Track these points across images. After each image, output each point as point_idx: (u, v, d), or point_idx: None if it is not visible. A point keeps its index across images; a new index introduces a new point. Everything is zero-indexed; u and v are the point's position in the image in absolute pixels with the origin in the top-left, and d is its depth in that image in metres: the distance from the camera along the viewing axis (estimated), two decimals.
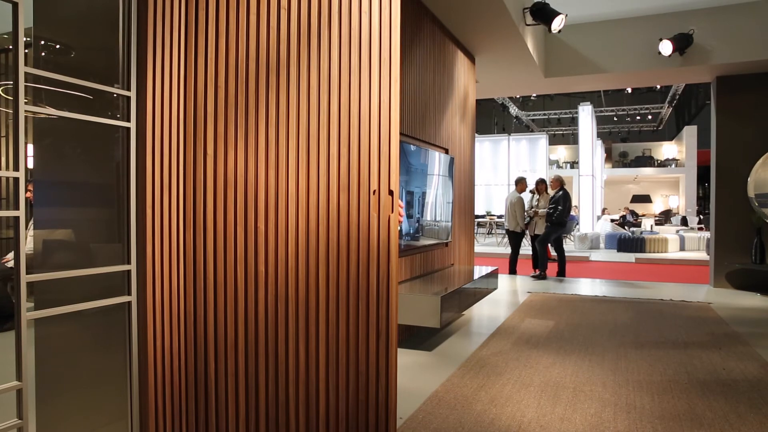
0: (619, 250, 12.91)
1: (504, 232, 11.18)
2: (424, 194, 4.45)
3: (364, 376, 2.09)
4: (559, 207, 7.70)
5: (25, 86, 1.67)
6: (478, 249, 11.81)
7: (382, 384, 2.06)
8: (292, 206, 2.15)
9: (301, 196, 2.14)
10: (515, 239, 8.44)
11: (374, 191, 2.12)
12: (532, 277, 7.88)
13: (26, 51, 1.73)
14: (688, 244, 13.23)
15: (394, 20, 2.05)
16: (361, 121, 2.09)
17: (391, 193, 2.10)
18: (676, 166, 22.65)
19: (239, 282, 2.40)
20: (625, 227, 16.04)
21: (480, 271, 5.12)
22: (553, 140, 23.77)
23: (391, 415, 2.06)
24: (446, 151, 5.16)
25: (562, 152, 25.67)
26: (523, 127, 22.79)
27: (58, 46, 2.03)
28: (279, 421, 2.19)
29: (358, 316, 2.10)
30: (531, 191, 8.61)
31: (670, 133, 24.82)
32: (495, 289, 5.38)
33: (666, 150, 24.38)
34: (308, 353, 2.15)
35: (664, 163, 23.44)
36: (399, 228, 2.15)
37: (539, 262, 7.94)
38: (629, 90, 16.47)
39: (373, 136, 2.07)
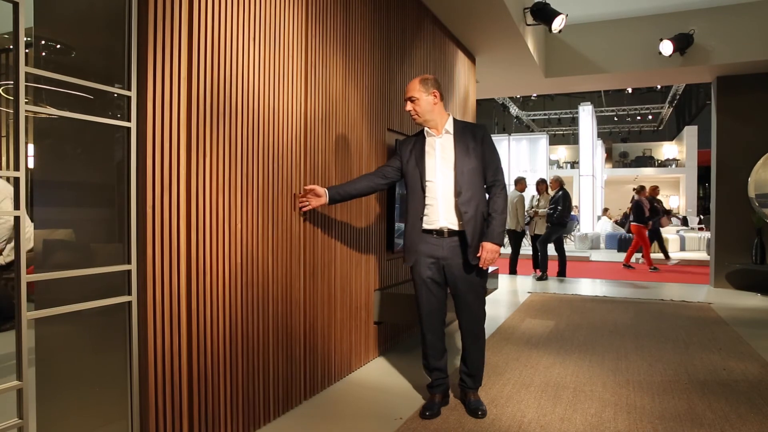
0: (619, 250, 12.90)
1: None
2: None
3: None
4: (559, 207, 7.70)
5: (26, 86, 1.67)
6: None
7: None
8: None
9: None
10: (515, 239, 8.43)
11: (295, 194, 2.77)
12: (537, 278, 7.84)
13: (27, 51, 1.73)
14: (688, 244, 13.24)
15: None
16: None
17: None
18: (676, 166, 22.64)
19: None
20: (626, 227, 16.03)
21: None
22: (554, 140, 23.74)
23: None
24: None
25: (562, 152, 25.66)
26: (523, 127, 22.78)
27: (58, 46, 2.03)
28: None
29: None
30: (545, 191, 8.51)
31: (671, 133, 24.81)
32: (495, 289, 5.38)
33: (666, 150, 24.37)
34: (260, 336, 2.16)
35: (664, 164, 23.42)
36: None
37: (540, 262, 7.93)
38: (629, 90, 16.45)
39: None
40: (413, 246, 2.74)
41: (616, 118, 22.34)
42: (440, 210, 2.69)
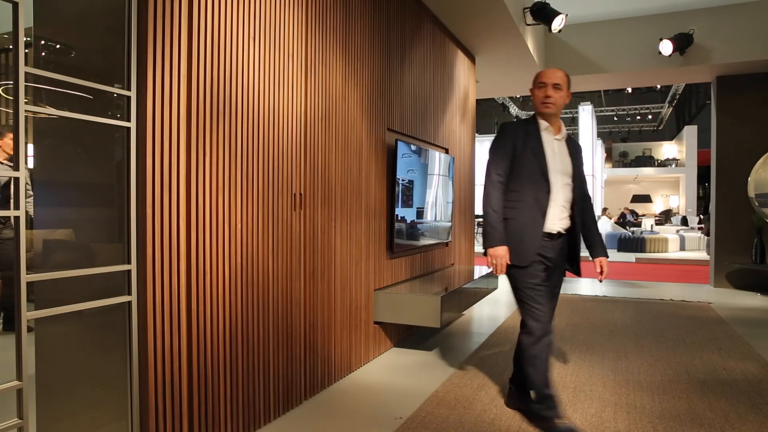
0: (619, 250, 12.91)
1: None
2: (424, 194, 4.45)
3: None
4: None
5: (26, 86, 1.67)
6: (478, 249, 11.80)
7: None
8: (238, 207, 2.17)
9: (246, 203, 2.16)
10: None
11: (295, 194, 2.75)
12: None
13: (26, 51, 1.73)
14: (688, 243, 13.24)
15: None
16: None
17: (301, 195, 2.81)
18: (676, 166, 22.63)
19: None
20: (626, 227, 16.04)
21: (480, 270, 5.12)
22: None
23: None
24: (446, 151, 5.16)
25: None
26: None
27: (58, 46, 2.03)
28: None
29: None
30: None
31: (671, 133, 24.80)
32: (495, 288, 5.38)
33: (666, 150, 24.36)
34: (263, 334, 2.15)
35: (664, 163, 23.41)
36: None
37: None
38: (629, 90, 16.45)
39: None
40: (532, 246, 2.53)
41: (615, 118, 22.32)
42: (555, 211, 2.60)
